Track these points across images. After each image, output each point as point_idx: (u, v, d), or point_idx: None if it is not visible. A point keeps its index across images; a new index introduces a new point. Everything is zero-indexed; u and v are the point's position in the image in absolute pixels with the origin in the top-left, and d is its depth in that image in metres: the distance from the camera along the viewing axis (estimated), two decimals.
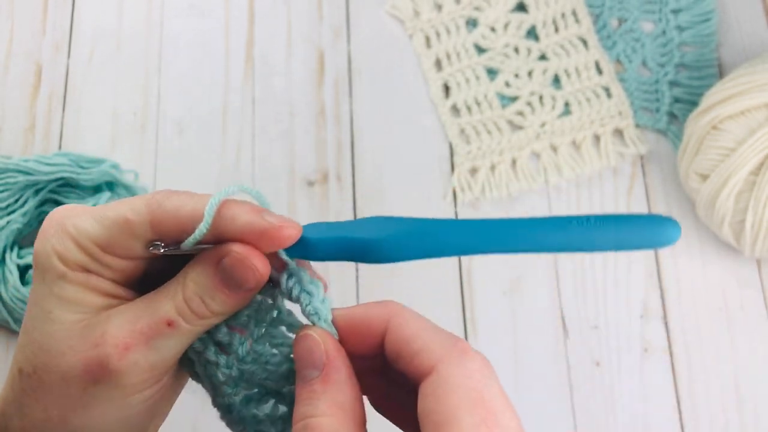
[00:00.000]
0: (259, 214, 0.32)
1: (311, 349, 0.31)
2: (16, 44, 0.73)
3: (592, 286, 0.65)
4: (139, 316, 0.33)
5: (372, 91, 0.70)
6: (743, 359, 0.62)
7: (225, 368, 0.35)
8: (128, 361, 0.33)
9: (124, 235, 0.33)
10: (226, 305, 0.34)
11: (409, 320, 0.31)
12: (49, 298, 0.34)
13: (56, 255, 0.33)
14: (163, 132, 0.70)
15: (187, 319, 0.33)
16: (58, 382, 0.33)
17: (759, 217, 0.58)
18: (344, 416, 0.30)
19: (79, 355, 0.33)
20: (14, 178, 0.62)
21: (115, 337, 0.33)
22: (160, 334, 0.33)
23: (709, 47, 0.71)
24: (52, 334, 0.33)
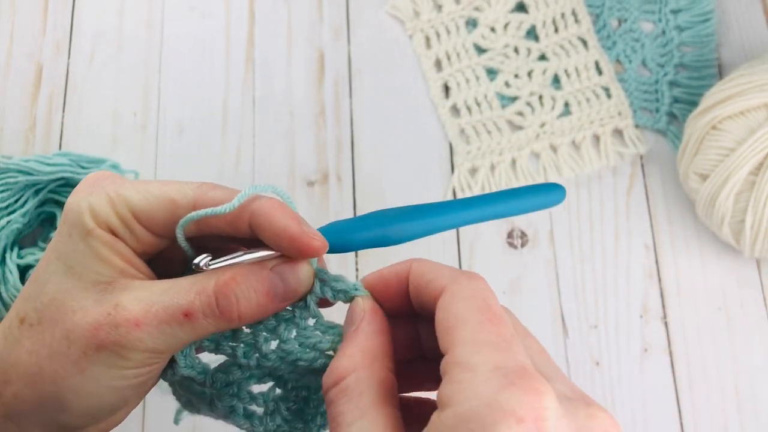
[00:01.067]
0: (297, 222, 0.33)
1: (353, 310, 0.34)
2: (16, 44, 0.73)
3: (592, 286, 0.65)
4: (157, 298, 0.33)
5: (372, 91, 0.71)
6: (743, 359, 0.62)
7: (242, 358, 0.35)
8: (134, 338, 0.33)
9: (164, 212, 0.34)
10: (259, 311, 0.34)
11: (426, 262, 0.33)
12: (74, 253, 0.34)
13: (90, 212, 0.34)
14: (164, 132, 0.70)
15: (208, 314, 0.33)
16: (60, 339, 0.33)
17: (758, 217, 0.59)
18: (366, 358, 0.31)
19: (89, 317, 0.33)
20: (14, 178, 0.62)
21: (129, 311, 0.33)
22: (173, 322, 0.33)
23: (709, 47, 0.71)
24: (69, 290, 0.34)
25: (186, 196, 0.34)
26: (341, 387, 0.30)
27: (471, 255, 0.66)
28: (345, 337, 0.33)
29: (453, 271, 0.32)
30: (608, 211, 0.67)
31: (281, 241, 0.33)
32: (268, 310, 0.35)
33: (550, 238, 0.66)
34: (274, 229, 0.33)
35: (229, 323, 0.34)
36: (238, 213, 0.34)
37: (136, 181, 0.35)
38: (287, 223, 0.33)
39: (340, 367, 0.31)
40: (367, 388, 0.30)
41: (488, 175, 0.68)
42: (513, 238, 0.66)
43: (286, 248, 0.34)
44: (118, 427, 0.60)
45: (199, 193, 0.34)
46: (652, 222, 0.66)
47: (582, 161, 0.68)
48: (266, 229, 0.33)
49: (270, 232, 0.33)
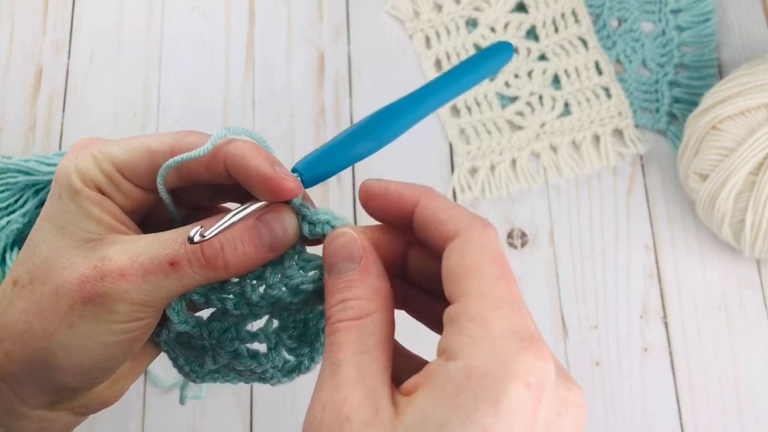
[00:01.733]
0: (270, 162, 0.34)
1: (348, 244, 0.33)
2: (16, 45, 0.73)
3: (592, 286, 0.65)
4: (143, 249, 0.34)
5: (372, 91, 0.71)
6: (743, 359, 0.62)
7: (234, 309, 0.35)
8: (120, 288, 0.33)
9: (144, 162, 0.35)
10: (246, 261, 0.34)
11: (440, 197, 0.33)
12: (64, 214, 0.35)
13: (76, 172, 0.35)
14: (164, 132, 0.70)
15: (194, 262, 0.34)
16: (49, 295, 0.34)
17: (758, 217, 0.59)
18: (381, 299, 0.32)
19: (76, 272, 0.33)
20: (14, 178, 0.62)
21: (114, 262, 0.33)
22: (159, 272, 0.33)
23: (709, 47, 0.71)
24: (59, 249, 0.34)
25: (163, 143, 0.35)
26: (356, 323, 0.31)
27: None
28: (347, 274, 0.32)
29: (467, 215, 0.32)
30: (608, 211, 0.67)
31: (255, 183, 0.34)
32: (256, 260, 0.35)
33: (550, 238, 0.66)
34: (248, 170, 0.34)
35: (215, 272, 0.34)
36: (214, 156, 0.34)
37: (118, 139, 0.36)
38: (259, 163, 0.34)
39: (359, 308, 0.31)
40: (378, 329, 0.31)
41: (488, 175, 0.68)
42: (513, 238, 0.66)
43: (261, 190, 0.34)
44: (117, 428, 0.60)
45: (176, 140, 0.35)
46: (652, 222, 0.66)
47: (582, 161, 0.68)
48: (241, 171, 0.34)
49: (244, 174, 0.34)
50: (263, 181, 0.34)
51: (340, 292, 0.32)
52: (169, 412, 0.61)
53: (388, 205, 0.34)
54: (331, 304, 0.32)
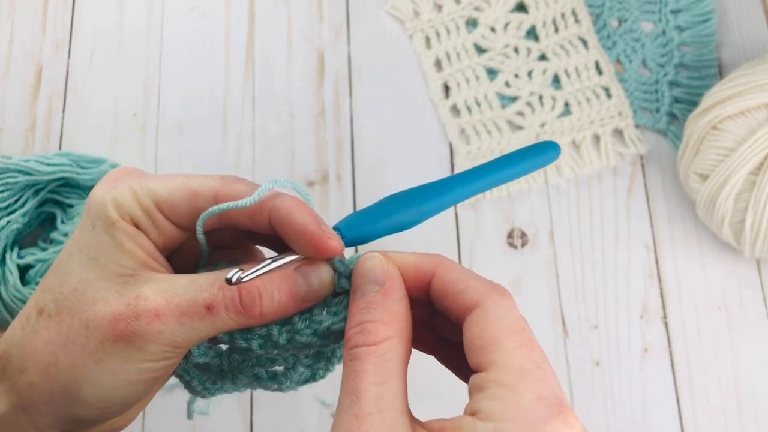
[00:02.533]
0: (315, 221, 0.34)
1: (375, 267, 0.34)
2: (16, 45, 0.73)
3: (592, 286, 0.65)
4: (180, 290, 0.34)
5: (372, 91, 0.71)
6: (743, 359, 0.62)
7: (259, 349, 0.36)
8: (154, 329, 0.33)
9: (186, 203, 0.35)
10: (281, 310, 0.35)
11: (454, 267, 0.34)
12: (97, 245, 0.34)
13: (113, 203, 0.35)
14: (163, 132, 0.70)
15: (230, 308, 0.34)
16: (78, 329, 0.33)
17: (759, 217, 0.58)
18: (398, 325, 0.32)
19: (109, 308, 0.33)
20: (14, 178, 0.62)
21: (150, 302, 0.33)
22: (195, 315, 0.33)
23: (709, 47, 0.71)
24: (91, 281, 0.34)
25: (207, 187, 0.35)
26: (373, 349, 0.31)
27: (471, 255, 0.65)
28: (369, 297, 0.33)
29: (484, 284, 0.32)
30: (608, 212, 0.67)
31: (300, 239, 0.34)
32: (289, 310, 0.35)
33: (550, 238, 0.66)
34: (294, 227, 0.34)
35: (249, 320, 0.34)
36: (258, 207, 0.35)
37: (160, 174, 0.36)
38: (306, 221, 0.34)
39: (376, 331, 0.32)
40: (394, 356, 0.31)
41: None
42: (513, 238, 0.66)
43: (304, 246, 0.34)
44: None
45: (221, 185, 0.35)
46: (652, 222, 0.66)
47: (582, 161, 0.68)
48: (286, 226, 0.34)
49: (289, 229, 0.34)
50: (308, 239, 0.34)
51: (360, 314, 0.32)
52: (169, 412, 0.61)
53: (405, 278, 0.34)
54: (350, 326, 0.32)
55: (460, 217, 0.67)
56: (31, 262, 0.61)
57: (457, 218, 0.67)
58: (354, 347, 0.32)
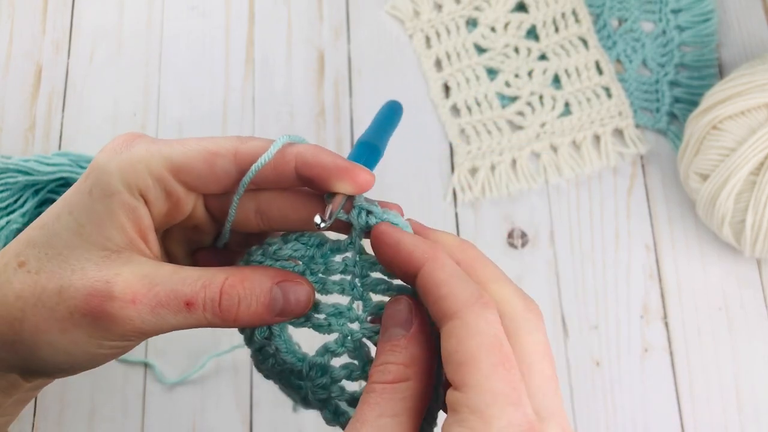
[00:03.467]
0: (340, 156, 0.35)
1: (402, 312, 0.34)
2: (16, 45, 0.73)
3: (592, 286, 0.64)
4: (162, 280, 0.33)
5: (372, 91, 0.70)
6: (743, 359, 0.62)
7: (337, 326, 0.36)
8: (125, 314, 0.33)
9: (204, 163, 0.35)
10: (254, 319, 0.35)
11: (442, 267, 0.33)
12: (88, 212, 0.34)
13: (119, 172, 0.34)
14: (164, 132, 0.70)
15: (208, 308, 0.34)
16: (51, 293, 0.33)
17: (759, 217, 0.58)
18: (420, 369, 0.32)
19: (85, 279, 0.33)
20: (14, 178, 0.62)
21: (128, 285, 0.33)
22: (171, 308, 0.33)
23: (709, 47, 0.71)
24: (75, 248, 0.34)
25: (225, 147, 0.35)
26: (391, 387, 0.31)
27: None
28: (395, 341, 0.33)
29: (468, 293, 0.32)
30: (608, 212, 0.67)
31: (332, 176, 0.34)
32: (263, 321, 0.35)
33: (550, 238, 0.66)
34: (324, 164, 0.34)
35: (223, 322, 0.34)
36: (282, 157, 0.35)
37: (166, 138, 0.36)
38: (334, 157, 0.34)
39: (396, 372, 0.32)
40: (410, 396, 0.31)
41: (488, 175, 0.68)
42: (513, 238, 0.66)
43: (338, 182, 0.34)
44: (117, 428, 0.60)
45: (238, 143, 0.35)
46: (652, 222, 0.66)
47: (582, 161, 0.68)
48: (315, 167, 0.34)
49: (319, 169, 0.34)
50: (341, 173, 0.34)
51: (384, 355, 0.33)
52: (169, 412, 0.61)
53: (395, 260, 0.34)
54: (375, 365, 0.33)
55: (460, 217, 0.67)
56: None
57: (457, 218, 0.67)
58: (373, 383, 0.32)
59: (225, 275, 0.34)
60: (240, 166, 0.35)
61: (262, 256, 0.37)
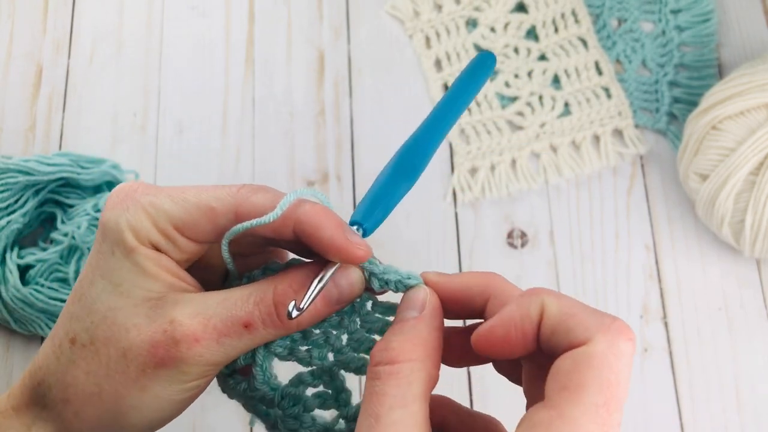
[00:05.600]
0: (341, 231, 0.34)
1: (418, 296, 0.34)
2: (16, 45, 0.73)
3: (592, 287, 0.65)
4: (214, 311, 0.33)
5: (372, 91, 0.71)
6: (743, 359, 0.62)
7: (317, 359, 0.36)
8: (194, 353, 0.33)
9: (205, 220, 0.34)
10: (316, 316, 0.35)
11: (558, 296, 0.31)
12: (119, 271, 0.34)
13: (130, 229, 0.34)
14: (164, 132, 0.70)
15: (268, 323, 0.34)
16: (117, 358, 0.33)
17: (758, 217, 0.58)
18: (424, 349, 0.32)
19: (144, 335, 0.33)
20: (14, 178, 0.62)
21: (187, 326, 0.33)
22: (233, 334, 0.33)
23: (709, 47, 0.71)
24: (120, 308, 0.34)
25: (225, 202, 0.34)
26: (394, 368, 0.31)
27: (471, 255, 0.65)
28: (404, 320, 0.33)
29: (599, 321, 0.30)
30: (608, 212, 0.67)
31: (328, 251, 0.34)
32: (324, 315, 0.35)
33: (550, 238, 0.66)
34: (321, 240, 0.34)
35: (288, 331, 0.34)
36: (282, 220, 0.34)
37: (170, 188, 0.35)
38: (333, 234, 0.33)
39: (400, 349, 0.31)
40: (416, 379, 0.31)
41: (488, 175, 0.68)
42: (513, 238, 0.66)
43: (333, 256, 0.34)
44: None
45: (239, 198, 0.34)
46: (652, 222, 0.66)
47: (582, 161, 0.68)
48: (312, 238, 0.34)
49: (317, 242, 0.34)
50: (337, 251, 0.34)
51: (390, 334, 0.32)
52: None
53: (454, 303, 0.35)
54: (378, 344, 0.32)
55: (460, 217, 0.67)
56: (31, 262, 0.61)
57: (457, 218, 0.67)
58: (377, 365, 0.31)
59: (272, 285, 0.34)
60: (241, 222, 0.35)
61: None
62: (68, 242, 0.61)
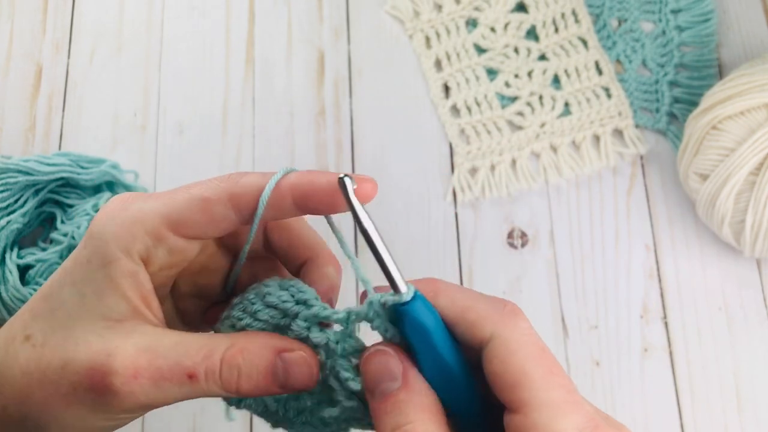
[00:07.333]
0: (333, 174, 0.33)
1: (387, 363, 0.32)
2: (16, 45, 0.73)
3: (592, 286, 0.65)
4: (164, 352, 0.33)
5: (372, 91, 0.71)
6: (743, 359, 0.62)
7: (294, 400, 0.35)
8: (129, 389, 0.32)
9: (199, 212, 0.34)
10: (257, 390, 0.34)
11: (456, 293, 0.32)
12: (90, 282, 0.33)
13: (115, 238, 0.33)
14: (164, 132, 0.70)
15: (210, 381, 0.33)
16: (55, 368, 0.33)
17: (759, 217, 0.58)
18: (433, 417, 0.31)
19: (88, 353, 0.32)
20: (14, 178, 0.62)
21: (130, 360, 0.32)
22: (174, 381, 0.33)
23: (709, 47, 0.71)
24: (78, 319, 0.33)
25: (217, 190, 0.34)
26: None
27: (471, 255, 0.65)
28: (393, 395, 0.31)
29: (493, 308, 0.31)
30: (608, 212, 0.67)
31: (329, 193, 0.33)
32: (269, 391, 0.34)
33: (550, 238, 0.66)
34: (320, 189, 0.33)
35: (226, 393, 0.34)
36: (279, 192, 0.34)
37: (158, 193, 0.35)
38: (329, 178, 0.33)
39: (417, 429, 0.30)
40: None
41: (488, 175, 0.68)
42: (513, 238, 0.66)
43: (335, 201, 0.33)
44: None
45: (230, 183, 0.34)
46: (652, 222, 0.66)
47: (582, 161, 0.68)
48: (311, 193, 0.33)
49: (316, 194, 0.33)
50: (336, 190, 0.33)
51: (390, 417, 0.31)
52: (169, 412, 0.61)
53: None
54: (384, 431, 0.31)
55: (460, 217, 0.67)
56: (30, 262, 0.61)
57: (457, 218, 0.67)
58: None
59: (228, 344, 0.33)
60: (237, 207, 0.34)
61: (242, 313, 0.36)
62: (68, 242, 0.61)
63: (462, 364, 0.32)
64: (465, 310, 0.31)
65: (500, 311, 0.31)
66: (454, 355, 0.32)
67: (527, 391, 0.29)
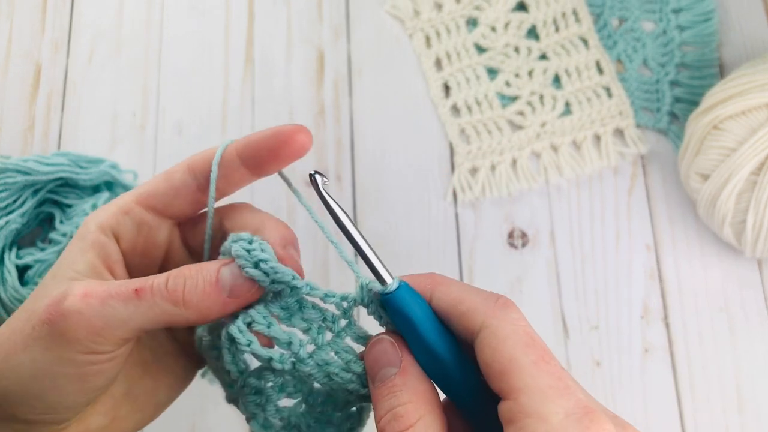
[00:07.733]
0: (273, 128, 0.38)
1: (387, 350, 0.34)
2: (15, 44, 0.72)
3: (592, 286, 0.64)
4: (113, 283, 0.35)
5: (372, 91, 0.70)
6: (744, 359, 0.62)
7: (278, 362, 0.35)
8: (77, 308, 0.33)
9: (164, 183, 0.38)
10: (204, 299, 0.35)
11: (451, 286, 0.34)
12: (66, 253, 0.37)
13: (94, 218, 0.37)
14: (163, 132, 0.69)
15: (156, 293, 0.34)
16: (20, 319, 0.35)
17: (760, 217, 0.58)
18: (426, 401, 0.32)
19: (49, 297, 0.34)
20: (13, 178, 0.62)
21: (81, 285, 0.34)
22: (121, 296, 0.34)
23: (710, 47, 0.71)
24: (50, 279, 0.36)
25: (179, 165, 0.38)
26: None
27: (471, 255, 0.65)
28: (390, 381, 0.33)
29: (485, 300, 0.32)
30: (609, 211, 0.67)
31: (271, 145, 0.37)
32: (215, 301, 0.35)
33: (550, 238, 0.66)
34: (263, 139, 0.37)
35: (174, 305, 0.34)
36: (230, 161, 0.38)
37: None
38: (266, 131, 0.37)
39: (408, 415, 0.31)
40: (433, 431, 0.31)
41: (488, 175, 0.68)
42: (513, 238, 0.66)
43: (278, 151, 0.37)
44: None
45: (190, 159, 0.39)
46: (653, 222, 0.66)
47: (583, 161, 0.68)
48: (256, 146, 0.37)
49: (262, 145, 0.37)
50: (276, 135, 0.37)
51: (386, 400, 0.32)
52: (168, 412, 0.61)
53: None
54: (380, 415, 0.32)
55: (460, 217, 0.67)
56: (29, 262, 0.61)
57: (457, 218, 0.67)
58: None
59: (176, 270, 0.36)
60: (195, 173, 0.38)
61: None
62: (67, 242, 0.61)
63: (453, 354, 0.33)
64: (458, 302, 0.33)
65: (492, 303, 0.32)
66: (443, 344, 0.33)
67: (516, 378, 0.30)
